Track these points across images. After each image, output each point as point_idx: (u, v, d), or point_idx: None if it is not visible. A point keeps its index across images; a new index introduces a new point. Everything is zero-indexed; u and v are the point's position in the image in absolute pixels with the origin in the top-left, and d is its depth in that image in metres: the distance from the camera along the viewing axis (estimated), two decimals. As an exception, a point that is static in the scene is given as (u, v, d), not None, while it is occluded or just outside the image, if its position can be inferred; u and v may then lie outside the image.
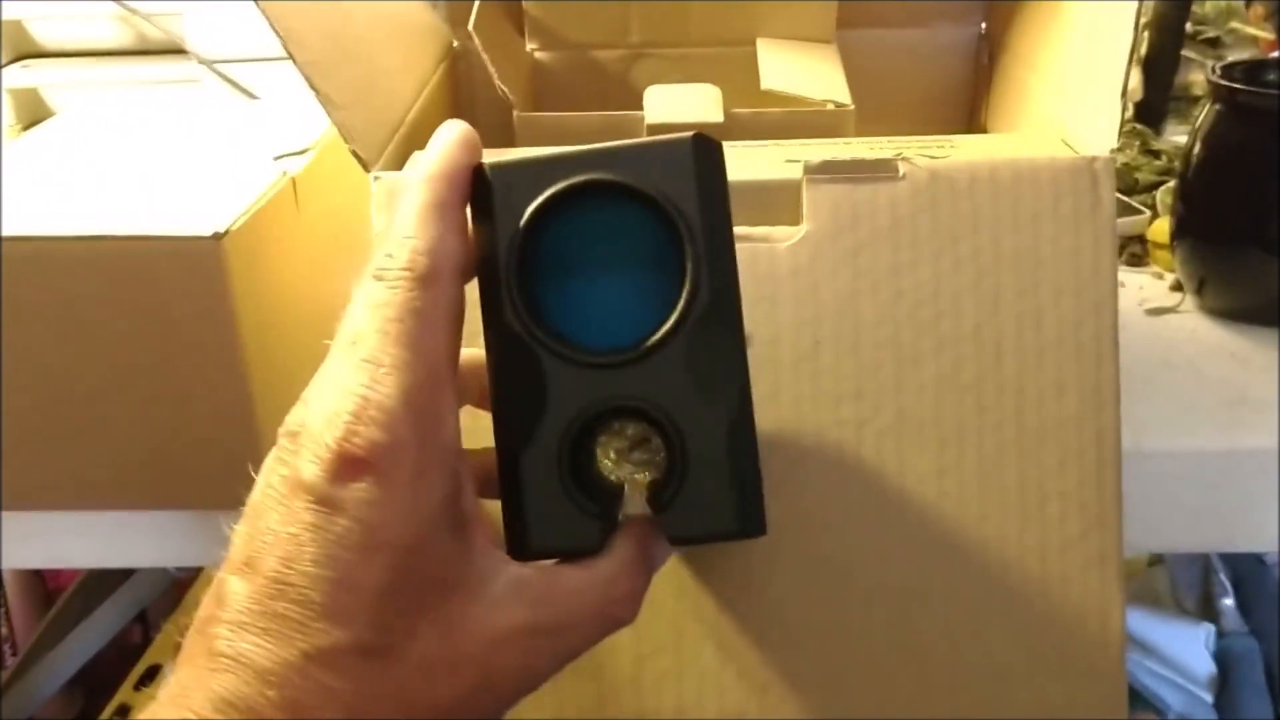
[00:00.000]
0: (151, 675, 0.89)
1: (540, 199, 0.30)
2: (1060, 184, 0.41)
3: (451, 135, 0.31)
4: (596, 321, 0.31)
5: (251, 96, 0.71)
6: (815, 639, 0.39)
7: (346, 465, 0.27)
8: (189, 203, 0.47)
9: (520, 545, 0.30)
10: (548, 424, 0.30)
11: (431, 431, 0.28)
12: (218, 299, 0.44)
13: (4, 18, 0.76)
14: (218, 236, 0.43)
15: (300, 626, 0.26)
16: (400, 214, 0.30)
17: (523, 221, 0.30)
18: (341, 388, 0.28)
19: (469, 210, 0.31)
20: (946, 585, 0.39)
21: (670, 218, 0.30)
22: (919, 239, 0.41)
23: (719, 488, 0.30)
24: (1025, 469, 0.40)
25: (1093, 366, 0.40)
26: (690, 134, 0.30)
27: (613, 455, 0.32)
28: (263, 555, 0.27)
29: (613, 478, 0.32)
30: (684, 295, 0.30)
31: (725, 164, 0.31)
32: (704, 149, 0.30)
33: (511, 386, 0.31)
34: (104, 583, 0.90)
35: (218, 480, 0.47)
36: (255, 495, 0.28)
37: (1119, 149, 0.47)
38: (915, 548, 0.39)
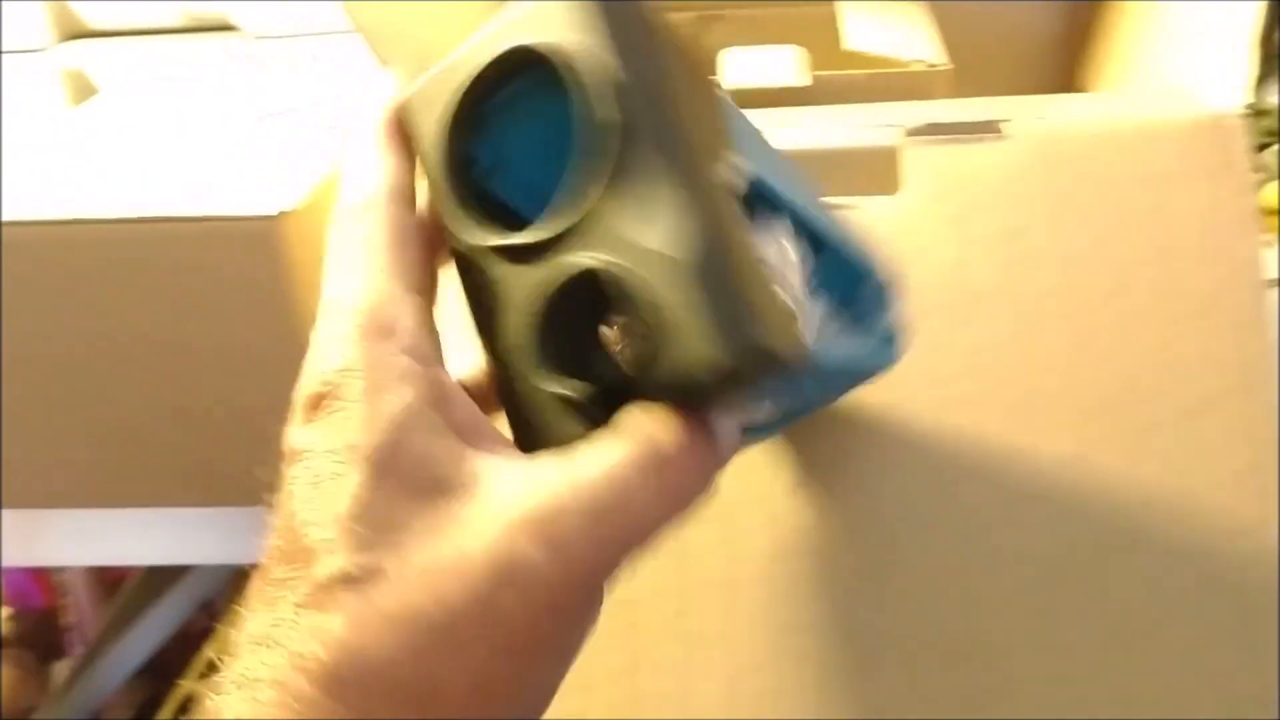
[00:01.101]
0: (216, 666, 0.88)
1: (447, 106, 0.28)
2: (1189, 142, 0.38)
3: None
4: (541, 208, 0.29)
5: (298, 71, 0.69)
6: (941, 651, 0.35)
7: (309, 408, 0.26)
8: (245, 182, 0.45)
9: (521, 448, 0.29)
10: (515, 323, 0.28)
11: (380, 345, 0.27)
12: (278, 280, 0.42)
13: (51, -2, 0.74)
14: (278, 217, 0.41)
15: (287, 583, 0.25)
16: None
17: (439, 132, 0.29)
18: (310, 343, 0.28)
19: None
20: (1090, 593, 0.35)
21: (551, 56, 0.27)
22: (1033, 200, 0.38)
23: (695, 322, 0.26)
24: (1175, 451, 0.36)
25: (1241, 337, 0.36)
26: None
27: (609, 335, 0.29)
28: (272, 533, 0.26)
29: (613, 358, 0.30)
30: (579, 143, 0.27)
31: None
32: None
33: (475, 303, 0.29)
34: (166, 571, 0.89)
35: (277, 475, 0.45)
36: None
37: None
38: (1053, 543, 0.35)
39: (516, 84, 0.29)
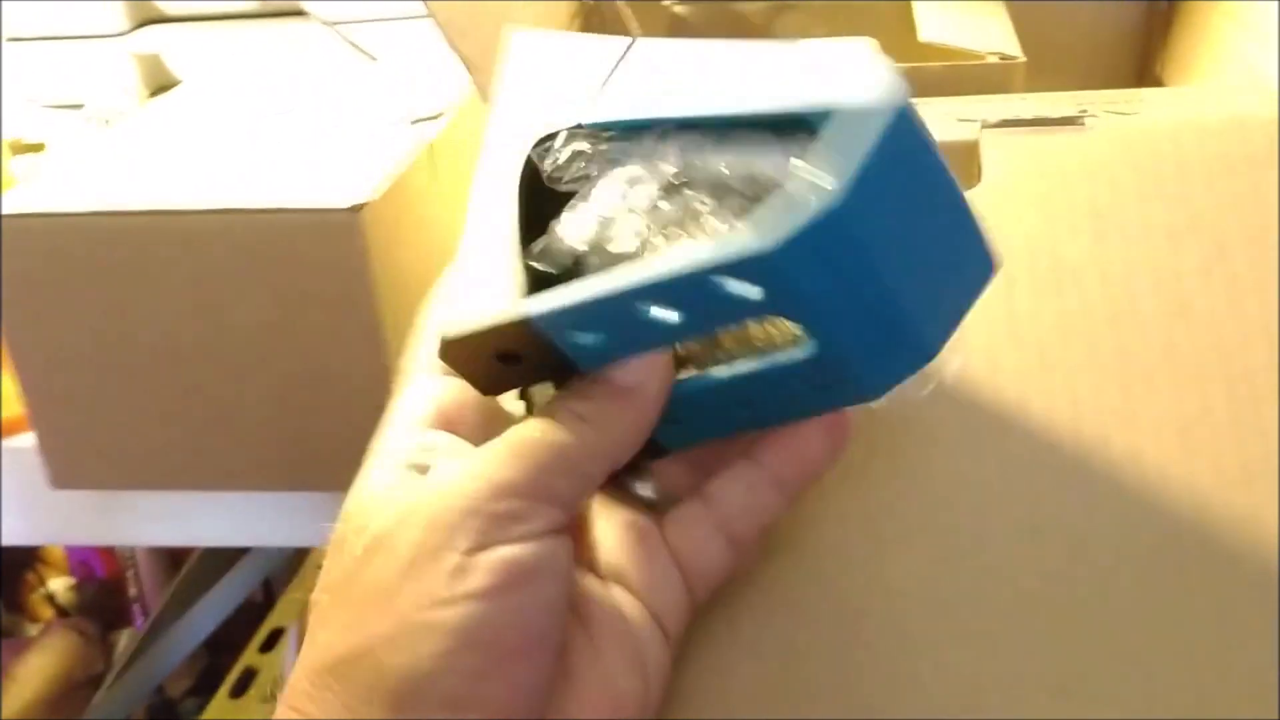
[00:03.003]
0: (275, 639, 0.90)
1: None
2: (1273, 134, 0.37)
3: None
4: None
5: (371, 58, 0.70)
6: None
7: None
8: (324, 173, 0.45)
9: None
10: None
11: None
12: (356, 272, 0.42)
13: (128, -17, 0.75)
14: (356, 208, 0.41)
15: None
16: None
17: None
18: None
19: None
20: (1198, 583, 0.34)
21: None
22: (1118, 182, 0.37)
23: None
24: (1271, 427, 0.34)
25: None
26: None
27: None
28: None
29: None
30: None
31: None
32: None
33: None
34: (228, 547, 0.91)
35: (354, 462, 0.46)
36: None
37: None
38: (1159, 529, 0.34)
39: None
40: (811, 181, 0.23)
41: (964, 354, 0.35)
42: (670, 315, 0.26)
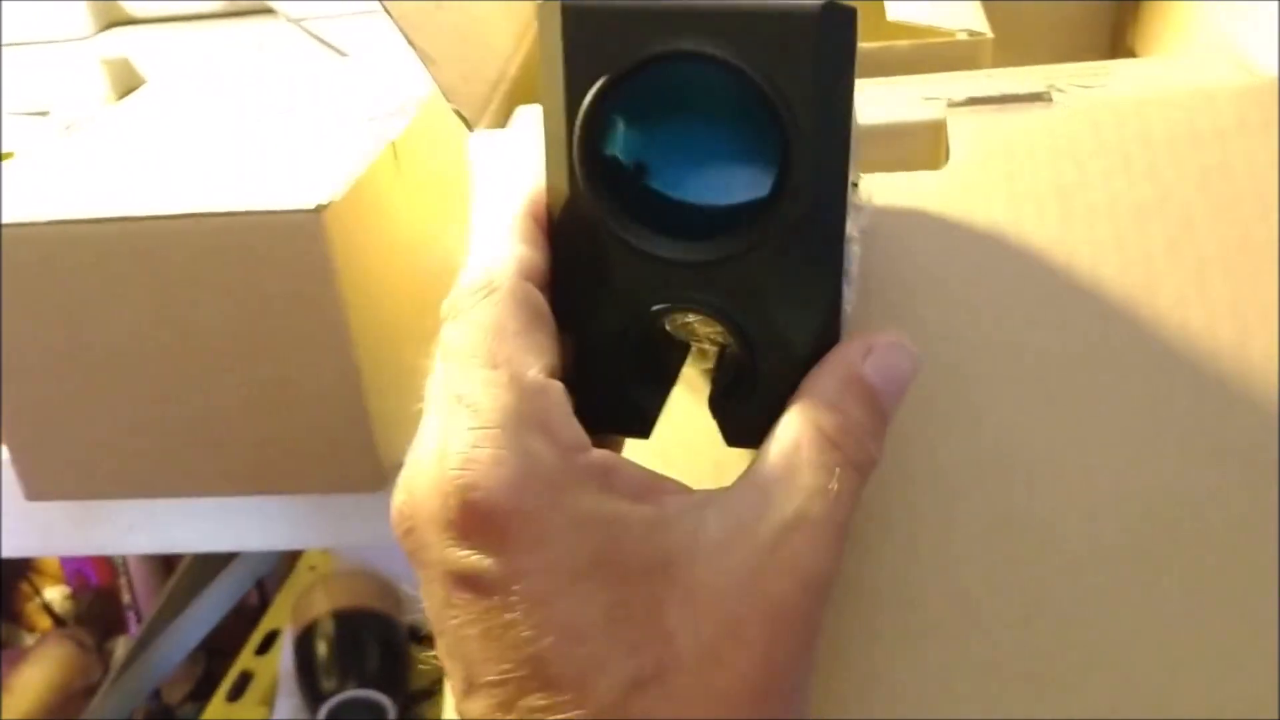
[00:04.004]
0: (270, 641, 0.90)
1: (615, 71, 0.26)
2: (1243, 104, 0.37)
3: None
4: (675, 195, 0.27)
5: (340, 54, 0.69)
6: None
7: (475, 526, 0.24)
8: (286, 173, 0.45)
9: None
10: (611, 313, 0.28)
11: (541, 445, 0.25)
12: (321, 273, 0.42)
13: (93, -14, 0.75)
14: (319, 209, 0.41)
15: (553, 709, 0.23)
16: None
17: (593, 91, 0.26)
18: (433, 449, 0.25)
19: (553, 49, 0.27)
20: (1175, 577, 0.34)
21: (775, 109, 0.25)
22: (1083, 159, 0.37)
23: (781, 410, 0.27)
24: (1240, 405, 0.34)
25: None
26: (819, 3, 0.25)
27: (685, 324, 0.29)
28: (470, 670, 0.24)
29: (681, 339, 0.30)
30: (780, 200, 0.26)
31: (856, 42, 0.26)
32: (835, 23, 0.25)
33: (576, 274, 0.28)
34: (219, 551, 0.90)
35: (327, 463, 0.45)
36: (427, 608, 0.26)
37: None
38: (1128, 520, 0.34)
39: (698, 66, 0.26)
40: None
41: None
42: None
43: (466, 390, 0.25)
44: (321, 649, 0.83)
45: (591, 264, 0.27)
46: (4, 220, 0.42)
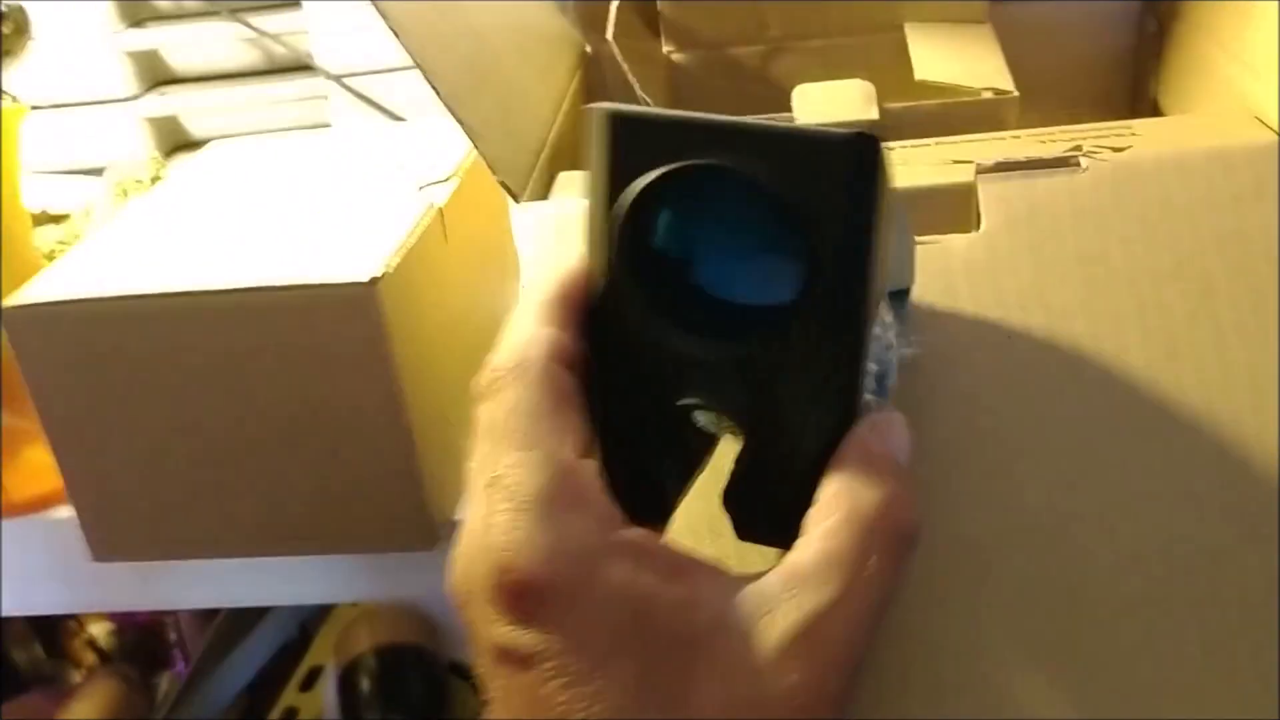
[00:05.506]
0: (313, 677, 0.91)
1: (650, 177, 0.27)
2: (1263, 166, 0.38)
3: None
4: (701, 302, 0.29)
5: (380, 109, 0.71)
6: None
7: (518, 603, 0.25)
8: (338, 243, 0.46)
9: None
10: (639, 400, 0.29)
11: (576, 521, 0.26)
12: (375, 342, 0.44)
13: (138, 48, 0.77)
14: (374, 281, 0.43)
15: None
16: None
17: (635, 191, 0.27)
18: (476, 528, 0.26)
19: (599, 151, 0.28)
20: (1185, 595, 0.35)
21: (805, 232, 0.27)
22: (1106, 226, 0.38)
23: (792, 508, 0.28)
24: (1258, 463, 0.35)
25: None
26: (851, 132, 0.27)
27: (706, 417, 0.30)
28: None
29: (705, 430, 0.30)
30: (806, 305, 0.28)
31: (889, 167, 0.28)
32: (864, 152, 0.27)
33: (608, 359, 0.29)
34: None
35: (381, 522, 0.47)
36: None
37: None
38: (1145, 569, 0.35)
39: (733, 185, 0.27)
40: None
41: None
42: None
43: (502, 472, 0.26)
44: (365, 684, 0.84)
45: (622, 352, 0.29)
46: (74, 297, 0.44)
